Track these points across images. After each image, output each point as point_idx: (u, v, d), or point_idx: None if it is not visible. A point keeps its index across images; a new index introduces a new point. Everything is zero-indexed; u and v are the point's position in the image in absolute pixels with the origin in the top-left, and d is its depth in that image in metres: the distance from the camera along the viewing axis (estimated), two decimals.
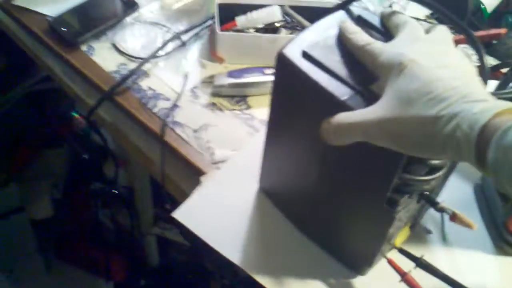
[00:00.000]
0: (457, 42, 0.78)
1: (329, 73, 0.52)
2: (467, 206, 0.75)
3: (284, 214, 0.70)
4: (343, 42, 0.54)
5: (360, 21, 0.58)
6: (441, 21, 1.06)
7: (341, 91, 0.51)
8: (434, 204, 0.57)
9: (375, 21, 0.58)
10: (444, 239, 0.69)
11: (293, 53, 0.54)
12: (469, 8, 1.05)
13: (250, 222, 0.70)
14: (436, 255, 0.69)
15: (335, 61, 0.53)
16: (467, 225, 0.56)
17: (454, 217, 0.57)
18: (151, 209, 1.40)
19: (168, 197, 0.81)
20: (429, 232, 0.71)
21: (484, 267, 0.69)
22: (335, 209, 0.62)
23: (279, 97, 0.60)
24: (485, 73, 0.54)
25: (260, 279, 0.64)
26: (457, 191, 0.76)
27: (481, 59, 0.54)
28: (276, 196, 0.71)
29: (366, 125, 0.47)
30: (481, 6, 1.08)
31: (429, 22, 1.06)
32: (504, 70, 0.75)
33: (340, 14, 0.59)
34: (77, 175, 1.59)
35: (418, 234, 0.70)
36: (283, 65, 0.55)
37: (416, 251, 0.63)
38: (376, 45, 0.51)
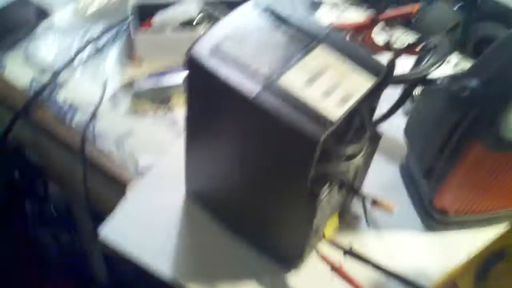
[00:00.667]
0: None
1: (238, 70, 0.52)
2: (394, 187, 0.76)
3: (213, 216, 0.69)
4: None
5: (268, 12, 0.57)
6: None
7: (250, 88, 0.50)
8: (355, 192, 0.57)
9: (284, 11, 0.58)
10: (368, 225, 0.69)
11: (202, 51, 0.53)
12: None
13: (179, 229, 0.68)
14: (368, 241, 0.70)
15: (246, 55, 0.53)
16: (388, 209, 0.56)
17: (374, 203, 0.57)
18: (91, 224, 1.36)
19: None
20: (357, 219, 0.71)
21: (416, 246, 0.70)
22: (260, 205, 0.61)
23: (193, 97, 0.58)
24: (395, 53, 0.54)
25: (192, 286, 0.63)
26: (383, 173, 0.76)
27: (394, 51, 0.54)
28: (203, 199, 0.69)
29: None
30: None
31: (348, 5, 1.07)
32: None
33: (249, 6, 0.58)
34: (9, 197, 1.52)
35: (349, 222, 0.70)
36: (193, 65, 0.54)
37: (347, 240, 0.64)
38: None
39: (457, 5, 1.08)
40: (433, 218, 0.70)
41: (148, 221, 0.68)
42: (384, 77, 0.53)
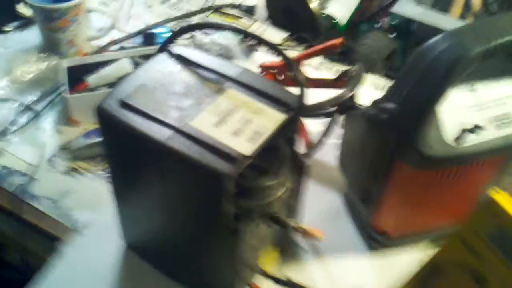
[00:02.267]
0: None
1: (148, 117, 0.52)
2: (339, 215, 0.76)
3: (151, 265, 0.68)
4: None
5: (180, 59, 0.59)
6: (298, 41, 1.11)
7: (161, 133, 0.51)
8: (285, 225, 0.57)
9: (197, 56, 0.59)
10: (301, 254, 0.69)
11: (112, 104, 0.54)
12: (319, 25, 1.10)
13: (118, 281, 0.67)
14: (312, 271, 0.69)
15: (155, 104, 0.53)
16: (316, 237, 0.56)
17: (304, 233, 0.57)
18: None
19: None
20: (303, 250, 0.71)
21: (360, 269, 0.70)
22: (189, 248, 0.61)
23: (111, 152, 0.59)
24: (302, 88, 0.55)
25: None
26: (328, 203, 0.77)
27: (295, 76, 0.55)
28: (139, 248, 0.69)
29: None
30: (333, 20, 1.13)
31: (286, 45, 1.09)
32: None
33: (161, 57, 0.60)
34: None
35: (294, 254, 0.70)
36: (104, 119, 0.55)
37: (290, 272, 0.63)
38: None
39: (392, 33, 1.12)
40: (375, 240, 0.71)
41: (85, 276, 0.67)
42: (296, 109, 0.54)
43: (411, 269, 0.59)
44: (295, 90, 0.56)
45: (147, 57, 0.91)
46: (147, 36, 1.01)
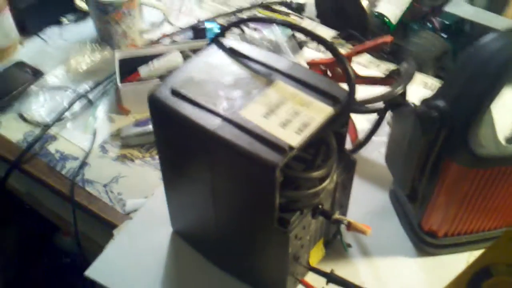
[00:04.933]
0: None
1: (199, 106, 0.53)
2: (385, 213, 0.75)
3: (199, 252, 0.69)
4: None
5: (232, 52, 0.60)
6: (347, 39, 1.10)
7: (210, 122, 0.52)
8: (328, 217, 0.57)
9: (247, 49, 0.60)
10: (345, 249, 0.68)
11: (164, 93, 0.55)
12: (369, 24, 1.09)
13: (167, 266, 0.69)
14: (358, 269, 0.69)
15: (205, 94, 0.54)
16: (362, 232, 0.56)
17: (349, 227, 0.57)
18: None
19: None
20: (349, 246, 0.70)
21: (407, 269, 0.69)
22: (237, 239, 0.62)
23: (161, 140, 0.60)
24: (351, 83, 0.55)
25: None
26: (375, 200, 0.77)
27: (345, 70, 0.55)
28: (188, 235, 0.70)
29: None
30: (385, 19, 1.12)
31: (337, 43, 1.09)
32: None
33: (212, 49, 0.61)
34: (28, 252, 1.55)
35: (338, 250, 0.70)
36: (156, 107, 0.56)
37: (335, 268, 0.63)
38: None
39: (444, 33, 1.10)
40: (423, 241, 0.70)
41: (136, 261, 0.69)
42: (345, 103, 0.54)
43: (459, 271, 0.58)
44: (344, 86, 0.56)
45: (197, 50, 0.93)
46: (197, 31, 1.03)
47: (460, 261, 0.69)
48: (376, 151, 0.81)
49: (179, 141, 0.57)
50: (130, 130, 0.83)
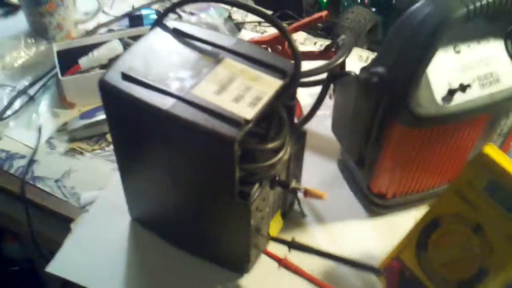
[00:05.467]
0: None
1: (151, 88, 0.54)
2: (334, 182, 0.79)
3: (160, 237, 0.70)
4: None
5: (177, 33, 0.60)
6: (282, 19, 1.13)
7: (164, 102, 0.53)
8: (286, 186, 0.59)
9: (191, 30, 0.60)
10: (303, 215, 0.71)
11: (113, 78, 0.55)
12: (302, 3, 1.12)
13: (128, 254, 0.69)
14: (315, 235, 0.72)
15: (156, 75, 0.55)
16: (318, 197, 0.59)
17: (306, 193, 0.59)
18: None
19: None
20: (304, 216, 0.73)
21: (360, 232, 0.73)
22: (200, 217, 0.63)
23: (115, 126, 0.60)
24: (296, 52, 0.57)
25: None
26: (324, 170, 0.80)
27: (289, 41, 0.57)
28: (147, 221, 0.71)
29: None
30: None
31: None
32: None
33: (157, 31, 0.61)
34: None
35: (295, 220, 0.73)
36: (107, 92, 0.56)
37: (296, 236, 0.65)
38: None
39: (373, 7, 1.15)
40: (373, 203, 0.74)
41: (97, 252, 0.69)
42: (293, 75, 0.56)
43: (408, 227, 0.62)
44: None
45: (136, 38, 0.92)
46: (134, 18, 1.02)
47: (408, 219, 0.72)
48: (320, 125, 0.83)
49: (133, 125, 0.57)
50: (77, 123, 0.82)
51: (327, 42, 1.06)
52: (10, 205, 0.79)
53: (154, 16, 1.02)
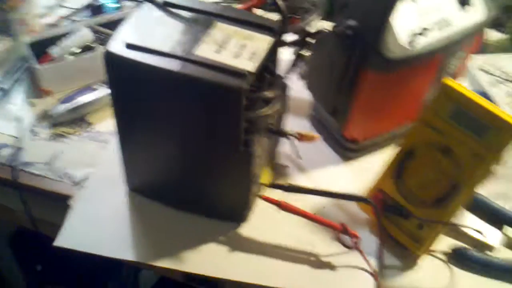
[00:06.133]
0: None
1: (157, 53, 0.58)
2: None
3: (159, 202, 0.74)
4: None
5: (168, 5, 0.65)
6: None
7: (172, 64, 0.57)
8: (283, 134, 0.66)
9: (181, 1, 0.65)
10: (301, 158, 0.78)
11: (118, 48, 0.59)
12: None
13: (130, 220, 0.73)
14: (299, 182, 0.78)
15: (158, 42, 0.59)
16: (312, 138, 0.66)
17: (301, 137, 0.66)
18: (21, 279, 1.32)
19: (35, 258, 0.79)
20: (286, 166, 0.80)
21: (339, 175, 0.81)
22: (203, 172, 0.68)
23: (119, 95, 0.64)
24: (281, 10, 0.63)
25: (159, 263, 0.68)
26: (297, 126, 0.85)
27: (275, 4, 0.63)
28: (146, 188, 0.75)
29: None
30: None
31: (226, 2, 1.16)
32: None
33: (146, 6, 0.65)
34: None
35: (279, 172, 0.80)
36: (113, 62, 0.60)
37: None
38: None
39: None
40: (348, 148, 0.82)
41: (98, 222, 0.72)
42: (280, 33, 0.63)
43: (379, 166, 0.70)
44: None
45: (105, 25, 0.96)
46: (95, 8, 1.05)
47: (378, 158, 0.82)
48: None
49: (140, 92, 0.61)
50: (60, 108, 0.84)
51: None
52: (5, 195, 0.80)
53: (114, 5, 1.05)
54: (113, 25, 0.96)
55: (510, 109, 0.89)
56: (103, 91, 0.86)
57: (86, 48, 0.93)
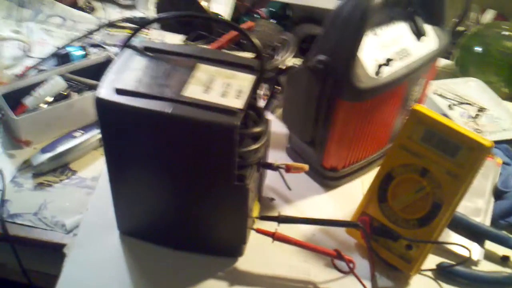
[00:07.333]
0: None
1: (147, 97, 0.60)
2: None
3: (153, 243, 0.75)
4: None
5: (149, 51, 0.67)
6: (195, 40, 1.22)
7: (163, 107, 0.59)
8: (272, 167, 0.69)
9: (158, 45, 0.68)
10: (290, 189, 0.78)
11: (108, 94, 0.60)
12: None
13: (126, 264, 0.73)
14: (285, 212, 0.80)
15: (145, 86, 0.61)
16: (300, 168, 0.69)
17: (289, 168, 0.69)
18: None
19: None
20: (272, 199, 0.83)
21: (321, 204, 0.84)
22: (196, 209, 0.69)
23: (111, 140, 0.65)
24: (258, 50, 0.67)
25: None
26: (275, 160, 0.90)
27: (250, 41, 0.67)
28: (138, 231, 0.75)
29: None
30: (220, 17, 1.27)
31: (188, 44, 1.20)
32: None
33: (127, 52, 0.67)
34: None
35: (265, 204, 0.82)
36: (104, 108, 0.61)
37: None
38: None
39: (274, 19, 1.31)
40: (327, 177, 0.85)
41: (95, 268, 0.72)
42: (261, 71, 0.66)
43: (358, 192, 0.73)
44: None
45: (76, 72, 0.97)
46: (61, 57, 1.06)
47: (357, 185, 0.86)
48: None
49: (132, 135, 0.63)
50: (41, 157, 0.84)
51: (248, 54, 1.18)
52: None
53: (80, 52, 1.06)
54: (82, 72, 0.98)
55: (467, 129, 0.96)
56: (83, 138, 0.87)
57: (59, 97, 0.94)
